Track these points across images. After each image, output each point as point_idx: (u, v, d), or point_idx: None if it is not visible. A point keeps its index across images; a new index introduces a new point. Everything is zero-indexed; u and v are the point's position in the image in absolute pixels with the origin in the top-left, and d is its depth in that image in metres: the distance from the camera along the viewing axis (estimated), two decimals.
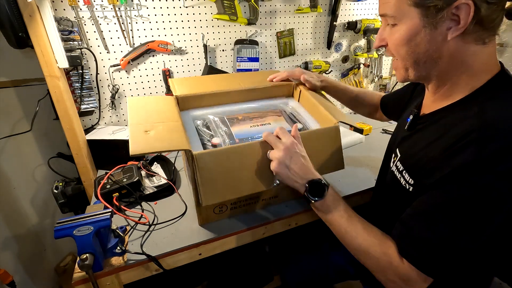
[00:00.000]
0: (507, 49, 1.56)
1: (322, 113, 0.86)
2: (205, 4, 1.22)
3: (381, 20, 0.63)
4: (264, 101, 0.99)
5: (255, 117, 0.90)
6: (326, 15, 1.48)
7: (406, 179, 0.64)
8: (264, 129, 0.85)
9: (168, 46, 1.21)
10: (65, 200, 1.09)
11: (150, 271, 0.74)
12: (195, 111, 0.91)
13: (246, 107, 0.96)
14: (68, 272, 1.41)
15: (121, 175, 0.93)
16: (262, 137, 0.72)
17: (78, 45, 1.04)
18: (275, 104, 0.99)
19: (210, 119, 0.87)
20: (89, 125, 1.21)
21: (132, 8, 1.12)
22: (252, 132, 0.84)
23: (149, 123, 0.72)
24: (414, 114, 0.69)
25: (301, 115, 0.94)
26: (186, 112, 0.90)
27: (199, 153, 0.66)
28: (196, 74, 1.32)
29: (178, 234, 0.79)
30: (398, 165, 0.68)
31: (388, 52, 0.63)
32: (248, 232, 0.82)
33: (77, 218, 0.65)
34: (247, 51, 1.35)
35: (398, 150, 0.71)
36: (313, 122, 0.90)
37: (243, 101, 0.98)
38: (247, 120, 0.88)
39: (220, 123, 0.85)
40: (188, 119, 0.86)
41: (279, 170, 0.67)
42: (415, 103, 0.76)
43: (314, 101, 0.90)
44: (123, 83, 1.21)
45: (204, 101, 0.92)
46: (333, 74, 1.64)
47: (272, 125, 0.87)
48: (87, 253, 0.63)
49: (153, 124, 0.72)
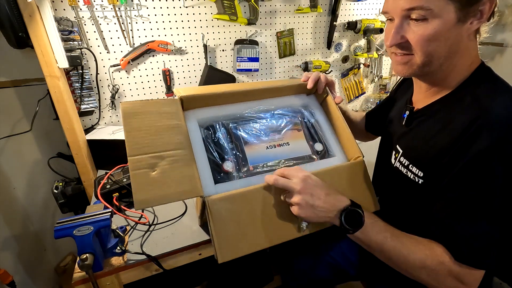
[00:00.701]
0: (507, 49, 1.56)
1: (348, 137, 0.76)
2: (205, 4, 1.22)
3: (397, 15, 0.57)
4: (281, 98, 0.83)
5: (272, 131, 0.77)
6: (326, 15, 1.48)
7: (414, 172, 0.65)
8: (281, 151, 0.74)
9: (168, 46, 1.21)
10: (65, 200, 1.09)
11: (150, 271, 0.74)
12: (201, 112, 0.74)
13: (261, 109, 0.81)
14: (68, 272, 1.41)
15: (121, 175, 0.93)
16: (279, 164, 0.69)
17: (78, 45, 1.04)
18: (294, 106, 0.83)
19: (220, 131, 0.73)
20: (89, 125, 1.21)
21: (132, 8, 1.12)
22: (268, 155, 0.72)
23: (152, 152, 0.60)
24: (410, 110, 0.70)
25: (322, 130, 0.81)
26: (191, 113, 0.73)
27: (212, 199, 0.59)
28: (196, 74, 1.32)
29: (178, 234, 0.79)
30: (403, 161, 0.68)
31: (404, 48, 0.60)
32: None
33: (77, 218, 0.65)
34: (247, 51, 1.34)
35: (398, 146, 0.71)
36: (335, 144, 0.79)
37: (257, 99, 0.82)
38: (263, 135, 0.75)
39: (232, 137, 0.73)
40: (194, 126, 0.71)
41: (304, 214, 0.60)
42: (404, 100, 0.77)
43: (340, 116, 0.78)
44: (123, 83, 1.21)
45: (212, 101, 0.76)
46: (333, 74, 1.64)
47: (291, 146, 0.76)
48: (87, 253, 0.63)
49: (157, 154, 0.61)
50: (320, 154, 0.77)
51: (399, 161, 0.70)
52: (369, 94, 1.77)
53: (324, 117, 0.83)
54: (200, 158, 0.66)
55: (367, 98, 1.75)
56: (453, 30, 0.54)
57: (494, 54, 1.62)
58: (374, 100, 1.72)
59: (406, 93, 0.79)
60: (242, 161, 0.70)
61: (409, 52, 0.59)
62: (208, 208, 0.58)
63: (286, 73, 1.51)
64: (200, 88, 0.80)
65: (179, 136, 0.65)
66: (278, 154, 0.73)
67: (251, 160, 0.71)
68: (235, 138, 0.73)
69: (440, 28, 0.54)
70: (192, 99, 0.71)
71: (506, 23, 1.53)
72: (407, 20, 0.57)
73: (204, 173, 0.64)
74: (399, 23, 0.58)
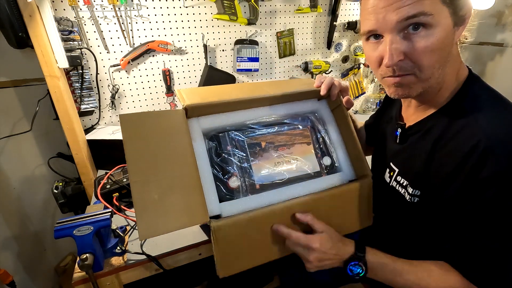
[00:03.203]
0: (507, 49, 1.56)
1: (359, 152, 0.73)
2: (205, 4, 1.22)
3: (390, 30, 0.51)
4: (290, 104, 0.78)
5: (281, 145, 0.73)
6: (326, 15, 1.48)
7: (410, 192, 0.63)
8: (289, 168, 0.72)
9: (168, 46, 1.21)
10: (65, 200, 1.09)
11: (150, 271, 0.74)
12: (206, 121, 0.70)
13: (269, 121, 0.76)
14: (68, 272, 1.41)
15: (121, 175, 0.93)
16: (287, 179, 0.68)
17: (78, 45, 1.04)
18: (304, 114, 0.79)
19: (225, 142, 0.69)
20: (89, 125, 1.21)
21: (132, 8, 1.12)
22: (276, 173, 0.70)
23: (154, 174, 0.58)
24: (402, 127, 0.67)
25: (332, 142, 0.77)
26: (195, 121, 0.68)
27: (217, 226, 0.58)
28: (196, 74, 1.32)
29: (178, 234, 0.78)
30: (400, 180, 0.66)
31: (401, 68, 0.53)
32: None
33: (77, 218, 0.65)
34: (247, 51, 1.34)
35: (393, 164, 0.69)
36: (344, 158, 0.76)
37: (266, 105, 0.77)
38: (271, 150, 0.72)
39: (239, 150, 0.70)
40: (198, 136, 0.67)
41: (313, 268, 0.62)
42: (393, 115, 0.74)
43: (351, 127, 0.75)
44: (123, 83, 1.21)
45: (217, 108, 0.72)
46: (333, 74, 1.64)
47: (299, 162, 0.73)
48: (87, 253, 0.63)
49: (161, 177, 0.58)
50: (327, 169, 0.75)
51: (396, 180, 0.68)
52: (369, 94, 1.77)
53: (335, 127, 0.79)
54: (204, 174, 0.63)
55: (367, 98, 1.75)
56: (450, 36, 0.52)
57: (494, 54, 1.62)
58: (374, 100, 1.72)
59: (394, 105, 0.76)
60: (248, 178, 0.68)
61: (409, 71, 0.53)
62: (213, 232, 0.58)
63: (286, 73, 1.51)
64: (204, 93, 0.74)
65: (184, 158, 0.62)
66: (285, 171, 0.71)
67: (258, 178, 0.68)
68: (241, 151, 0.70)
69: (443, 35, 0.50)
70: (197, 108, 0.67)
71: (506, 23, 1.53)
72: (401, 34, 0.51)
73: (208, 191, 0.62)
74: (394, 38, 0.51)
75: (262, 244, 0.64)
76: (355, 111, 1.78)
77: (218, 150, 0.68)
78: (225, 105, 0.71)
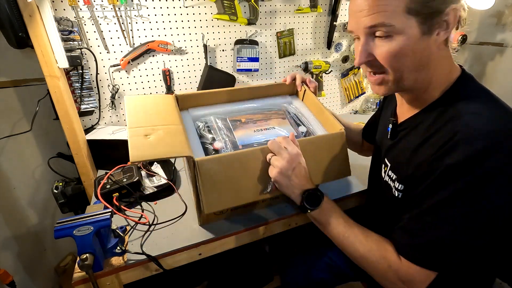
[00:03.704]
0: (507, 49, 1.56)
1: (328, 117, 0.84)
2: (205, 4, 1.22)
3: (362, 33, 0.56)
4: (267, 99, 0.97)
5: (259, 120, 0.87)
6: (326, 15, 1.48)
7: (396, 187, 0.66)
8: (267, 134, 0.83)
9: (168, 46, 1.21)
10: (65, 200, 1.09)
11: (150, 271, 0.74)
12: (195, 111, 0.89)
13: (249, 106, 0.94)
14: (68, 272, 1.41)
15: (121, 175, 0.93)
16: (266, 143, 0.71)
17: (78, 45, 1.04)
18: (279, 104, 0.96)
19: (211, 120, 0.85)
20: (89, 125, 1.21)
21: (132, 8, 1.12)
22: (255, 137, 0.82)
23: (148, 126, 0.70)
24: (393, 123, 0.70)
25: (305, 117, 0.92)
26: (186, 112, 0.88)
27: (201, 160, 0.65)
28: (196, 74, 1.32)
29: (178, 234, 0.79)
30: (391, 174, 0.69)
31: (373, 67, 0.59)
32: (248, 232, 0.82)
33: (77, 218, 0.65)
34: (247, 51, 1.35)
35: (386, 159, 0.71)
36: (317, 125, 0.88)
37: (246, 100, 0.95)
38: (251, 123, 0.86)
39: (223, 126, 0.83)
40: (188, 120, 0.84)
41: (279, 178, 0.68)
42: (389, 113, 0.77)
43: (319, 104, 0.88)
44: (123, 83, 1.21)
45: (204, 100, 0.90)
46: (333, 74, 1.64)
47: (277, 129, 0.85)
48: (87, 253, 0.62)
49: (153, 127, 0.70)
50: (304, 134, 0.86)
51: (388, 174, 0.70)
52: (369, 94, 1.76)
53: (306, 109, 0.94)
54: (193, 140, 0.77)
55: (367, 98, 1.75)
56: (420, 43, 0.54)
57: (494, 54, 1.62)
58: (374, 100, 1.72)
59: (391, 104, 0.79)
60: (231, 142, 0.79)
61: (381, 70, 0.58)
62: (197, 167, 0.65)
63: (286, 73, 1.51)
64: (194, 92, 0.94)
65: (173, 117, 0.76)
66: (264, 137, 0.81)
67: (240, 140, 0.80)
68: (225, 125, 0.83)
69: (405, 43, 0.53)
70: (186, 97, 0.87)
71: (506, 23, 1.53)
72: (372, 37, 0.56)
73: (196, 151, 0.74)
74: (365, 41, 0.56)
75: (245, 182, 0.70)
76: (355, 111, 1.78)
77: (205, 126, 0.83)
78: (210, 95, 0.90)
